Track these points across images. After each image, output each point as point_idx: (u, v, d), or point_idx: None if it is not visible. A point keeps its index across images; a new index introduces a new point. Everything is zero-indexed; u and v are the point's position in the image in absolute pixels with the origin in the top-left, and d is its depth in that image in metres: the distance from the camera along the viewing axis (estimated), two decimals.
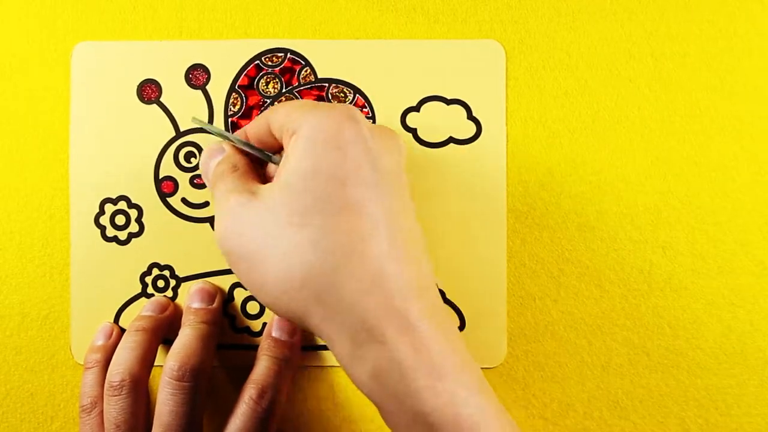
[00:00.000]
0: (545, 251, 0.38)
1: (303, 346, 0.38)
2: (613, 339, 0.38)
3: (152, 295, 0.38)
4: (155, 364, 0.36)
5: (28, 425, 0.38)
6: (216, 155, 0.34)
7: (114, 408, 0.34)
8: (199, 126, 0.37)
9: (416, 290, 0.28)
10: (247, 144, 0.34)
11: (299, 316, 0.29)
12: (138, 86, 0.38)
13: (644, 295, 0.38)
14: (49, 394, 0.38)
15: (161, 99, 0.38)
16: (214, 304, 0.37)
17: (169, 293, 0.38)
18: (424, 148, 0.38)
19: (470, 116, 0.38)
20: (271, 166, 0.34)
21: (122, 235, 0.38)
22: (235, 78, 0.38)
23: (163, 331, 0.37)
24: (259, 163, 0.34)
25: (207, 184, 0.35)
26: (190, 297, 0.37)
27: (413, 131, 0.38)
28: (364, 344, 0.28)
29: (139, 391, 0.35)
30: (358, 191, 0.29)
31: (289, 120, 0.31)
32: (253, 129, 0.34)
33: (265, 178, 0.34)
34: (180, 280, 0.38)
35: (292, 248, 0.28)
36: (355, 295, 0.28)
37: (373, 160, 0.30)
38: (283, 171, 0.30)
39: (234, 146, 0.34)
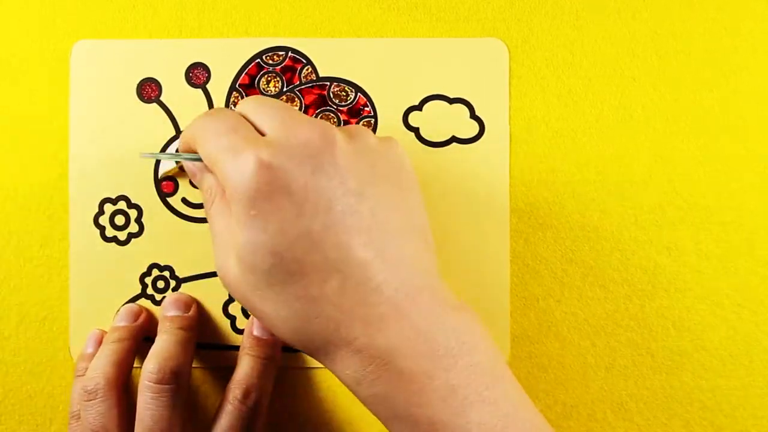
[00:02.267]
0: (548, 251, 0.38)
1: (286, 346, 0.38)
2: (617, 340, 0.38)
3: (152, 296, 0.38)
4: (135, 366, 0.36)
5: (26, 427, 0.38)
6: (194, 172, 0.34)
7: (90, 413, 0.33)
8: (151, 157, 0.37)
9: (380, 318, 0.28)
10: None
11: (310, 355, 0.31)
12: (138, 85, 0.38)
13: (648, 296, 0.38)
14: (47, 396, 0.38)
15: (161, 98, 0.38)
16: (191, 313, 0.37)
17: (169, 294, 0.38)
18: (427, 147, 0.38)
19: (473, 115, 0.38)
20: None
21: (122, 236, 0.38)
22: (235, 77, 0.38)
23: (139, 339, 0.37)
24: None
25: None
26: (165, 307, 0.37)
27: (415, 130, 0.38)
28: (360, 381, 0.29)
29: (115, 396, 0.34)
30: (292, 254, 0.28)
31: (214, 169, 0.30)
32: (190, 139, 0.33)
33: None
34: (180, 281, 0.38)
35: (268, 313, 0.29)
36: (328, 349, 0.29)
37: (298, 204, 0.28)
38: (234, 236, 0.30)
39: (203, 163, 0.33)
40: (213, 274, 0.38)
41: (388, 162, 0.31)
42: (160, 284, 0.38)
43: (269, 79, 0.38)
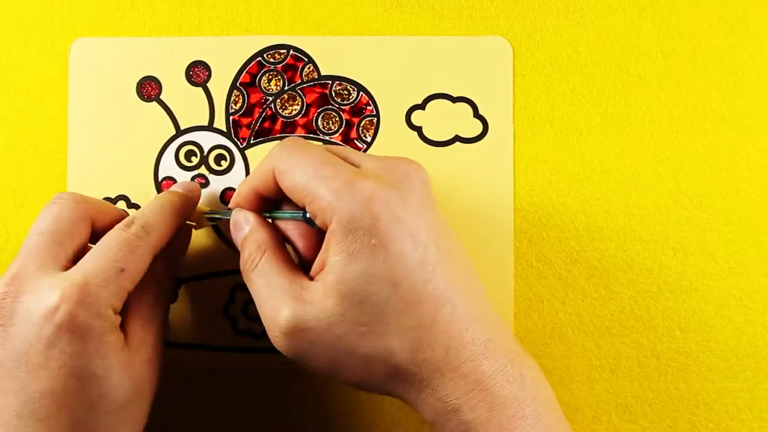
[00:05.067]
0: (553, 252, 0.38)
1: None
2: (621, 341, 0.38)
3: None
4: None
5: None
6: (241, 227, 0.32)
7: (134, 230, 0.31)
8: (215, 216, 0.36)
9: (483, 345, 0.29)
10: (272, 215, 0.32)
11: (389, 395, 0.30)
12: (137, 83, 0.38)
13: (654, 297, 0.38)
14: None
15: (161, 96, 0.38)
16: (192, 194, 0.35)
17: None
18: (429, 146, 0.38)
19: (476, 114, 0.38)
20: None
21: None
22: (236, 75, 0.38)
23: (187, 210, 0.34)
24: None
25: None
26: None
27: (418, 129, 0.38)
28: (460, 408, 0.29)
29: (156, 240, 0.32)
30: (411, 282, 0.28)
31: (313, 200, 0.29)
32: (259, 181, 0.32)
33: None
34: (180, 282, 0.37)
35: (365, 357, 0.29)
36: (433, 377, 0.29)
37: (413, 232, 0.29)
38: (330, 275, 0.29)
39: (256, 218, 0.32)
40: (213, 275, 0.38)
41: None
42: None
43: (270, 77, 0.38)
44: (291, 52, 0.38)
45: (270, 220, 0.33)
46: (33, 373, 0.28)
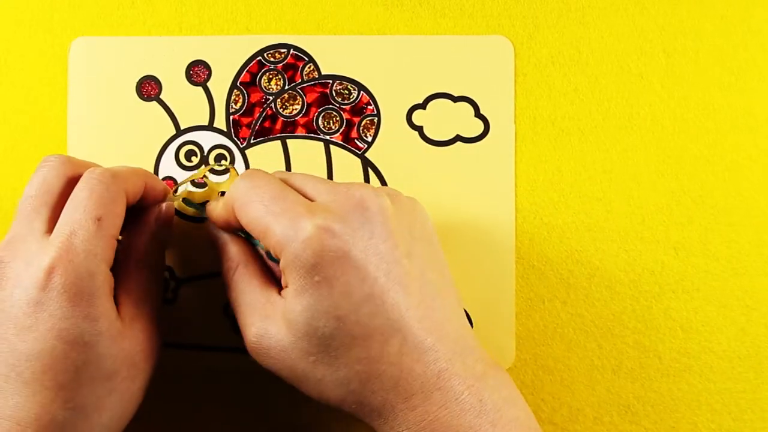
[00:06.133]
0: (554, 252, 0.38)
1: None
2: (623, 342, 0.38)
3: None
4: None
5: None
6: (215, 243, 0.33)
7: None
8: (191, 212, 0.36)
9: (437, 375, 0.29)
10: (247, 238, 0.33)
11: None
12: (137, 83, 0.38)
13: (655, 297, 0.38)
14: None
15: (161, 96, 0.38)
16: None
17: (169, 295, 0.37)
18: (430, 146, 0.38)
19: (478, 114, 0.38)
20: None
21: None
22: (236, 74, 0.38)
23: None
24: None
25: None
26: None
27: (419, 129, 0.38)
28: None
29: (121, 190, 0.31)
30: (356, 317, 0.28)
31: (265, 235, 0.29)
32: (226, 214, 0.32)
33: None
34: (180, 282, 0.37)
35: (317, 381, 0.29)
36: (384, 408, 0.29)
37: (360, 265, 0.28)
38: (286, 303, 0.29)
39: (226, 234, 0.33)
40: (213, 275, 0.37)
41: (417, 221, 0.32)
42: None
43: (271, 77, 0.38)
44: (291, 51, 0.38)
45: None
46: (21, 335, 0.28)
